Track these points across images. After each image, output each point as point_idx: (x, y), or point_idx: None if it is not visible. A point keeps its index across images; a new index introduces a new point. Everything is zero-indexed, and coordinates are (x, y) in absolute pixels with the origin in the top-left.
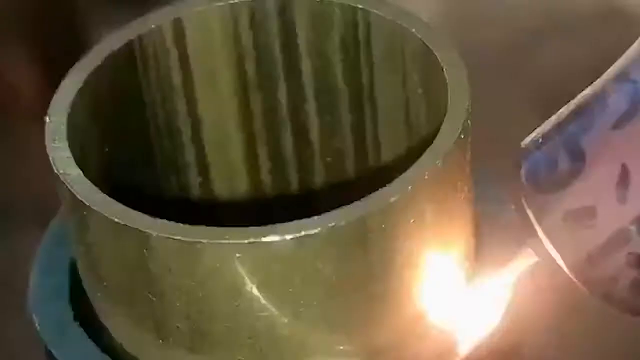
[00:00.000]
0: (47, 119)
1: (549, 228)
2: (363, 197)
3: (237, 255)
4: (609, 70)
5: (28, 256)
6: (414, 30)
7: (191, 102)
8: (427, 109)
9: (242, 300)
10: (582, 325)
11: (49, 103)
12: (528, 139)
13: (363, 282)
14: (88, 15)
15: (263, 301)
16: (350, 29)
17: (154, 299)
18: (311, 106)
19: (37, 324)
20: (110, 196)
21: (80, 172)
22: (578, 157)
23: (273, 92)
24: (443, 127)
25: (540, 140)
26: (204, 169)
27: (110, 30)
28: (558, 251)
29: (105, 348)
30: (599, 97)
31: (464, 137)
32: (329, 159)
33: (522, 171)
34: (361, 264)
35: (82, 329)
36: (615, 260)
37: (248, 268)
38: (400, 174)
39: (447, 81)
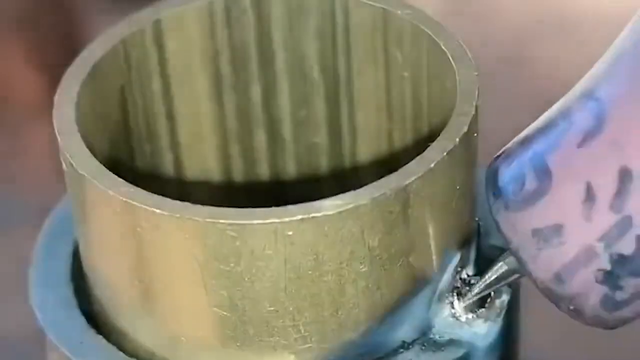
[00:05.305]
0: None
1: (520, 244)
2: (335, 192)
3: (289, 233)
4: (574, 87)
5: (27, 256)
6: (399, 12)
7: (169, 103)
8: (412, 92)
9: (289, 282)
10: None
11: (49, 103)
12: (496, 157)
13: (404, 253)
14: (88, 15)
15: (311, 280)
16: (327, 17)
17: (198, 289)
18: (284, 100)
19: (51, 337)
20: None
21: (101, 165)
22: (544, 176)
23: (247, 89)
24: (460, 93)
25: (508, 158)
26: (180, 170)
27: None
28: (529, 267)
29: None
30: (564, 115)
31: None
32: (301, 153)
33: (491, 189)
34: (403, 235)
35: (101, 337)
36: (584, 277)
37: (299, 246)
38: (378, 163)
39: (448, 53)
